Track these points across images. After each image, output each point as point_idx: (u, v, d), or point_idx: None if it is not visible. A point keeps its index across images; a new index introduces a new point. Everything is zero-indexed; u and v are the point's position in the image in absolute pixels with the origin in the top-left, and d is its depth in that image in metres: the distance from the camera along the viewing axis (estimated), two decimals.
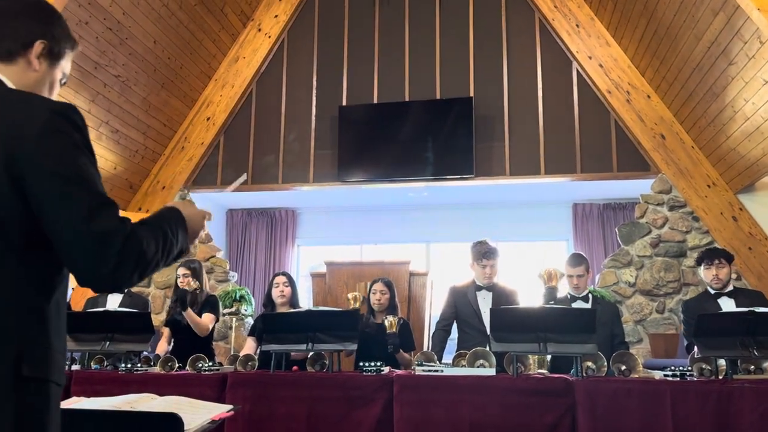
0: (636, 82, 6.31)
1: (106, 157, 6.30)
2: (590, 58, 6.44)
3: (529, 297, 4.21)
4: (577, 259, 3.85)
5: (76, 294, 6.61)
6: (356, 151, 6.67)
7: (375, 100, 6.84)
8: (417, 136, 6.53)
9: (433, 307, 5.29)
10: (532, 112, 6.51)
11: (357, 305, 3.86)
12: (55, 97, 1.24)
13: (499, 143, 6.49)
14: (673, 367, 2.93)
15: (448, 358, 3.65)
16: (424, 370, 3.09)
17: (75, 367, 3.35)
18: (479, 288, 3.84)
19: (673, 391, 2.75)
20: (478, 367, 3.08)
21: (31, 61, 1.19)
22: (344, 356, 3.79)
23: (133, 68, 5.98)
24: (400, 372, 3.24)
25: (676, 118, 6.16)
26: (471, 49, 6.75)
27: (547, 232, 7.48)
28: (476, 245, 3.88)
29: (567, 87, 6.51)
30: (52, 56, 1.23)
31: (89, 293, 4.89)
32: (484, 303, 3.77)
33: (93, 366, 3.47)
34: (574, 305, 3.76)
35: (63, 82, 1.29)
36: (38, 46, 1.19)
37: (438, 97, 6.68)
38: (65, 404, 1.65)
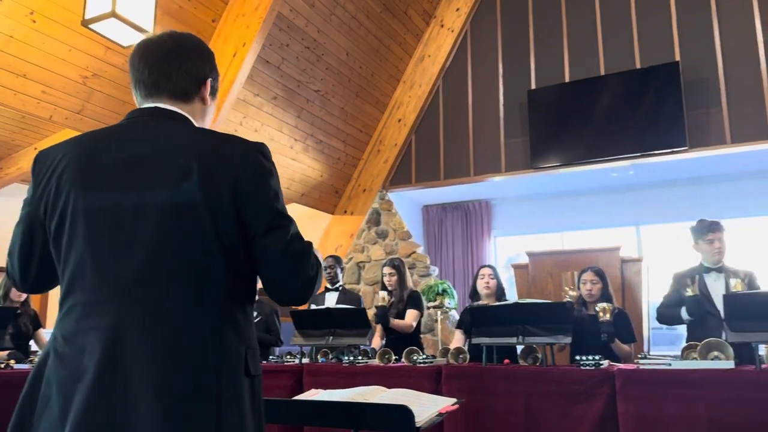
0: None
1: (313, 166, 6.83)
2: None
3: None
4: None
5: None
6: (549, 134, 6.43)
7: (566, 79, 6.53)
8: (616, 112, 6.11)
9: (651, 294, 4.89)
10: (752, 69, 5.72)
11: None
12: (211, 119, 1.42)
13: (715, 109, 5.81)
14: None
15: (673, 350, 3.36)
16: (649, 364, 2.87)
17: (305, 360, 3.67)
18: (708, 270, 3.47)
19: None
20: (712, 359, 2.78)
21: (205, 98, 1.34)
22: (557, 350, 3.67)
23: (330, 82, 6.40)
24: (621, 366, 3.05)
25: None
26: (672, 8, 6.13)
27: None
28: (697, 224, 3.54)
29: None
30: (213, 90, 1.37)
31: None
32: (716, 285, 3.39)
33: (320, 359, 3.77)
34: None
35: None
36: (208, 84, 1.34)
37: (638, 66, 6.18)
38: (308, 395, 1.80)
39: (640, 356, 2.99)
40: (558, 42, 6.65)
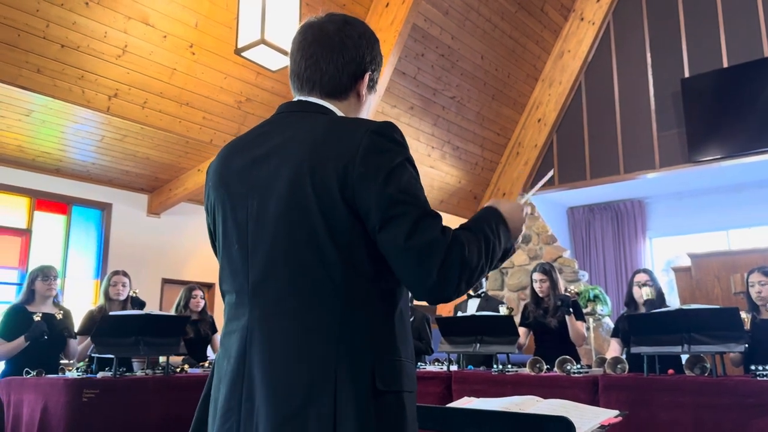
0: None
1: (451, 173, 6.83)
2: None
3: None
4: None
5: None
6: (707, 125, 5.92)
7: (724, 64, 5.98)
8: None
9: None
10: None
11: None
12: (369, 113, 1.26)
13: None
14: None
15: None
16: None
17: (453, 368, 3.67)
18: None
19: None
20: None
21: (361, 94, 1.20)
22: (727, 358, 3.36)
23: (465, 87, 6.38)
24: None
25: None
26: None
27: None
28: None
29: None
30: (372, 82, 1.23)
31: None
32: None
33: (468, 366, 3.74)
34: None
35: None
36: (366, 78, 1.20)
37: None
38: (461, 403, 1.79)
39: None
40: (713, 25, 6.11)
